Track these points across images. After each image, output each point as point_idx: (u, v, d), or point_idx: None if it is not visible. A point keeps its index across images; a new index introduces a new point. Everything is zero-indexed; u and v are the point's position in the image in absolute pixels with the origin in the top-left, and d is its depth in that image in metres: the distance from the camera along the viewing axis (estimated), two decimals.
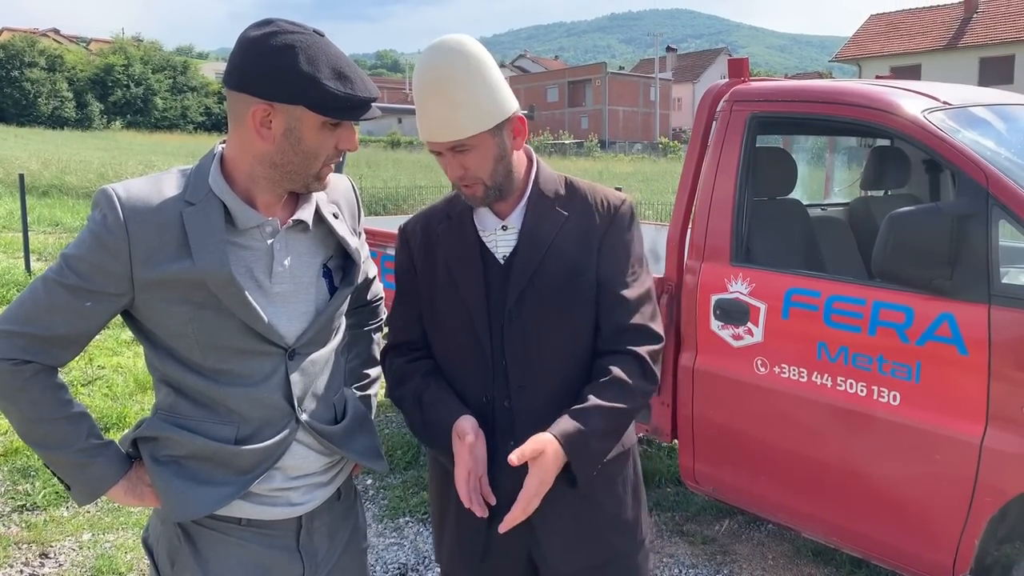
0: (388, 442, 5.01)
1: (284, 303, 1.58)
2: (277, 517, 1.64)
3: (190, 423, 1.57)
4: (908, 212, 2.59)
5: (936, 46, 36.11)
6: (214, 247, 1.49)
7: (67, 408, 1.55)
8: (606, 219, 1.79)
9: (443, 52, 1.63)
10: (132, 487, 1.61)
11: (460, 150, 1.67)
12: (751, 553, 3.80)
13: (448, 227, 1.83)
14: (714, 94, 3.45)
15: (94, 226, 1.49)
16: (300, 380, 1.61)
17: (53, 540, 3.79)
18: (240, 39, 1.50)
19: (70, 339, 1.54)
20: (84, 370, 6.24)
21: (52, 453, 1.56)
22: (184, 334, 1.53)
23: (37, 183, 18.93)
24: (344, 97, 1.47)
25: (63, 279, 1.49)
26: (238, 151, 1.54)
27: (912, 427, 2.68)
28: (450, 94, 1.62)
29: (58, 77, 64.21)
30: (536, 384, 1.75)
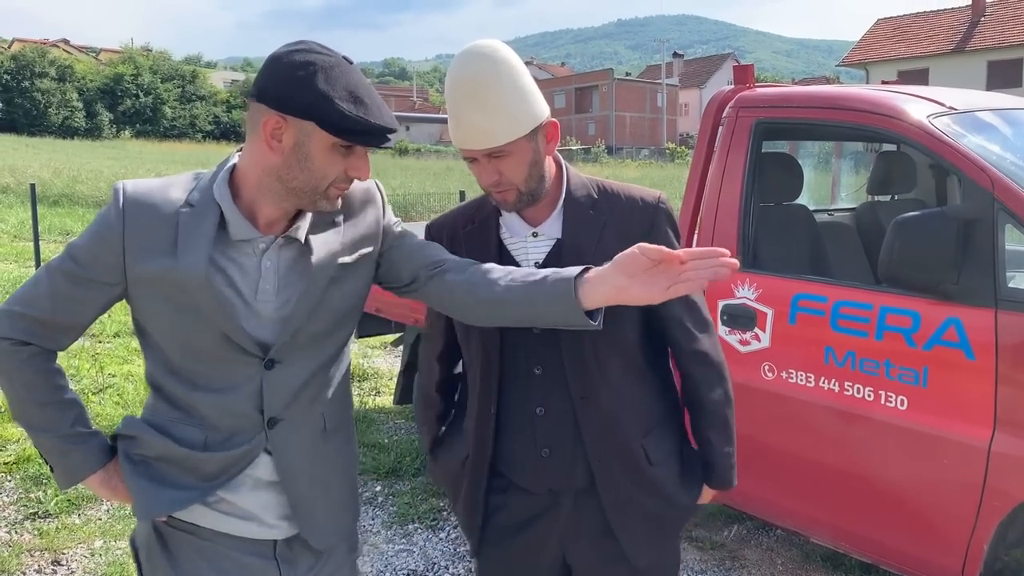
0: (396, 449, 5.03)
1: (267, 316, 1.56)
2: (249, 536, 1.62)
3: (164, 425, 1.60)
4: (914, 217, 2.60)
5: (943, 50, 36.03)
6: (197, 249, 1.51)
7: (59, 394, 1.61)
8: (647, 218, 1.77)
9: (478, 59, 1.62)
10: (107, 479, 1.66)
11: (497, 156, 1.66)
12: (760, 559, 3.80)
13: (471, 231, 1.82)
14: (720, 100, 3.46)
15: (100, 217, 1.55)
16: (273, 391, 1.58)
17: (65, 547, 3.82)
18: (271, 55, 1.52)
19: (67, 325, 1.59)
20: (95, 378, 6.28)
21: (37, 435, 1.62)
22: (165, 332, 1.56)
23: (48, 192, 19.06)
24: (355, 119, 1.45)
25: (63, 266, 1.56)
26: (249, 161, 1.55)
27: (920, 431, 2.68)
28: (487, 101, 1.61)
29: (68, 87, 64.58)
30: (598, 392, 1.76)
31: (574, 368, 1.74)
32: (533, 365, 1.77)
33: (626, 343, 1.78)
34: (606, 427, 1.76)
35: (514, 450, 1.81)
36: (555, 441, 1.78)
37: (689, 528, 4.05)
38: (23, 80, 62.48)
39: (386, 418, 5.78)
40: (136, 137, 64.71)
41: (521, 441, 1.80)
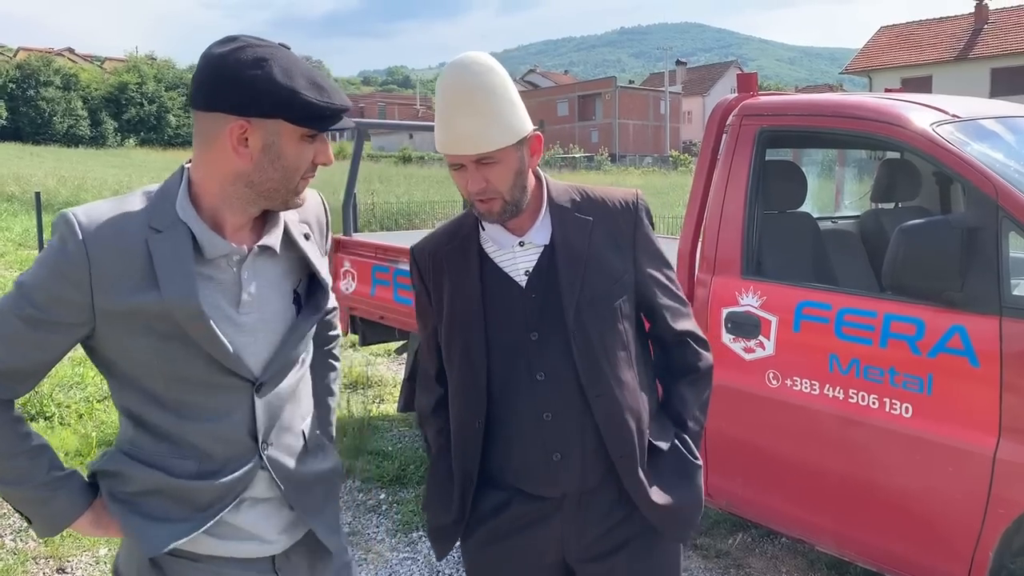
0: (400, 457, 5.03)
1: (252, 333, 1.52)
2: (250, 555, 1.58)
3: (151, 458, 1.51)
4: (918, 225, 2.60)
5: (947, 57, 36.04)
6: (183, 279, 1.42)
7: (26, 442, 1.48)
8: (630, 219, 1.85)
9: (473, 66, 1.65)
10: (97, 519, 1.55)
11: (485, 162, 1.68)
12: (765, 567, 3.79)
13: (452, 248, 1.84)
14: (723, 108, 3.47)
15: (53, 253, 1.41)
16: (266, 414, 1.55)
17: (70, 555, 3.82)
18: (206, 57, 1.43)
19: (27, 371, 1.46)
20: (100, 386, 6.29)
21: (12, 489, 1.49)
22: (148, 364, 1.46)
23: (53, 201, 19.10)
24: (323, 106, 1.43)
25: (19, 310, 1.41)
26: (207, 172, 1.48)
27: (924, 439, 2.68)
28: (481, 107, 1.64)
29: (73, 96, 64.82)
30: (611, 389, 1.79)
31: (589, 370, 1.77)
32: (535, 372, 1.78)
33: (626, 334, 1.83)
34: (621, 421, 1.79)
35: (524, 458, 1.82)
36: (565, 445, 1.80)
37: (693, 536, 4.04)
38: (28, 89, 62.73)
39: (390, 426, 5.78)
40: (140, 145, 64.91)
41: (531, 448, 1.81)
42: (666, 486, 1.84)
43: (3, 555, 3.81)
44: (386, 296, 4.92)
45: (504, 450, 1.83)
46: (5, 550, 3.86)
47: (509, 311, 1.78)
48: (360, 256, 5.15)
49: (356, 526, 4.20)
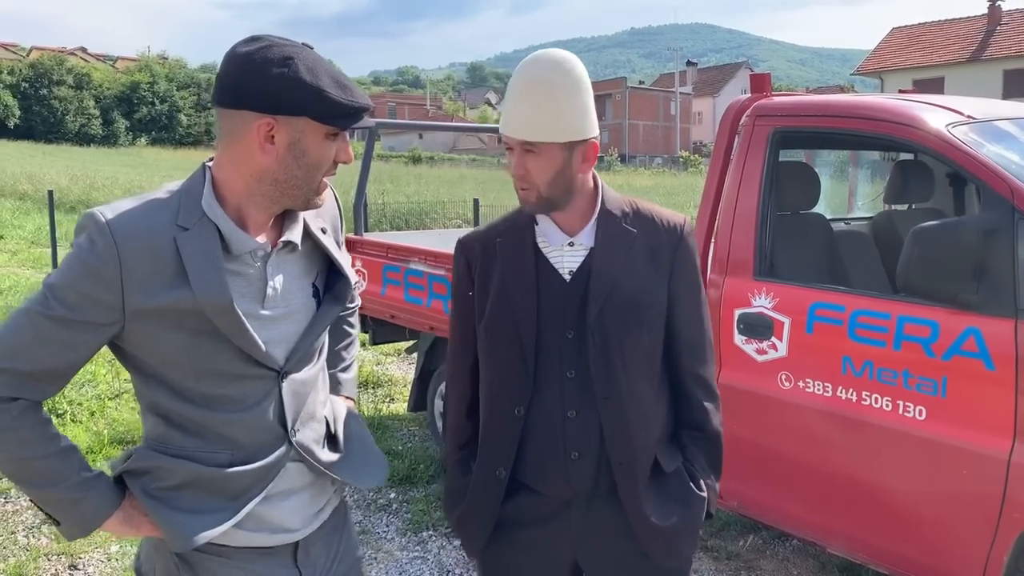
0: (410, 456, 5.03)
1: (275, 326, 1.55)
2: (274, 544, 1.61)
3: (183, 451, 1.53)
4: (933, 226, 2.59)
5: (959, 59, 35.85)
6: (213, 275, 1.45)
7: (56, 443, 1.47)
8: (673, 240, 1.85)
9: (546, 60, 1.72)
10: (128, 518, 1.55)
11: (528, 150, 1.73)
12: (776, 569, 3.78)
13: (506, 240, 1.87)
14: (736, 109, 3.46)
15: (82, 253, 1.42)
16: (292, 401, 1.59)
17: (82, 552, 3.84)
18: (232, 56, 1.45)
19: (57, 372, 1.46)
20: (111, 383, 6.32)
21: (43, 491, 1.48)
22: (177, 360, 1.48)
23: (65, 199, 19.21)
24: (347, 104, 1.46)
25: (49, 311, 1.41)
26: (232, 171, 1.50)
27: (938, 442, 2.67)
28: (539, 97, 1.69)
29: (85, 95, 65.17)
30: (621, 394, 1.80)
31: (600, 369, 1.79)
32: (567, 369, 1.81)
33: (651, 350, 1.84)
34: (626, 431, 1.80)
35: (540, 455, 1.83)
36: (583, 444, 1.81)
37: (704, 538, 4.03)
38: (41, 88, 63.11)
39: (400, 425, 5.78)
40: (152, 144, 65.20)
41: (549, 445, 1.82)
42: (663, 507, 1.84)
43: (16, 551, 3.83)
44: (396, 296, 4.93)
45: (524, 445, 1.85)
46: (18, 546, 3.88)
47: (552, 307, 1.81)
48: (371, 256, 5.16)
49: (366, 525, 4.21)
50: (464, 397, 1.97)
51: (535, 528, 1.87)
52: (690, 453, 1.90)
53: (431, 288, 4.71)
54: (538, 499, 1.86)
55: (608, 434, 1.80)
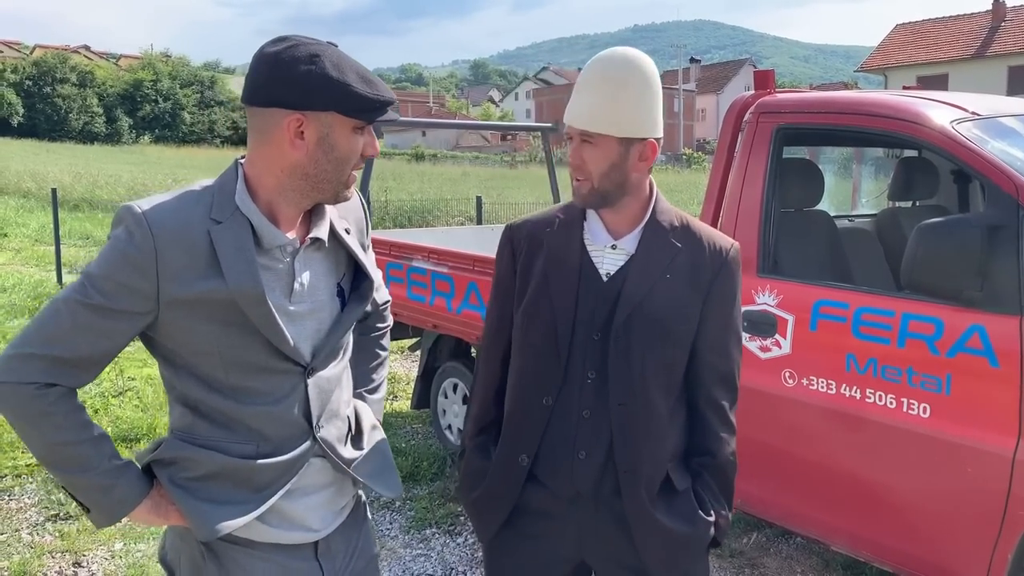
0: (414, 454, 5.04)
1: (301, 322, 1.59)
2: (296, 542, 1.65)
3: (209, 442, 1.57)
4: (937, 223, 2.58)
5: (964, 55, 35.76)
6: (245, 267, 1.49)
7: (89, 430, 1.51)
8: (718, 262, 1.83)
9: (617, 57, 1.76)
10: (156, 506, 1.59)
11: (585, 140, 1.76)
12: (779, 567, 3.77)
13: (554, 231, 1.87)
14: (740, 106, 3.45)
15: (120, 244, 1.46)
16: (317, 397, 1.62)
17: (86, 549, 3.84)
18: (260, 56, 1.51)
19: (93, 360, 1.50)
20: (115, 381, 6.33)
21: (75, 477, 1.52)
22: (208, 352, 1.52)
23: (68, 197, 19.24)
24: (373, 99, 1.51)
25: (87, 299, 1.46)
26: (263, 167, 1.55)
27: (942, 440, 2.66)
28: (604, 91, 1.72)
29: (88, 93, 65.26)
30: (636, 402, 1.80)
31: (618, 374, 1.79)
32: (588, 370, 1.81)
33: (673, 365, 1.83)
34: (635, 440, 1.80)
35: (552, 450, 1.84)
36: (593, 445, 1.81)
37: None
38: (44, 86, 63.21)
39: (403, 423, 5.79)
40: (155, 142, 65.27)
41: (562, 442, 1.83)
42: (667, 522, 1.82)
43: (20, 549, 3.84)
44: (400, 293, 4.92)
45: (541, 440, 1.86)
46: (22, 544, 3.89)
47: (587, 306, 1.81)
48: (374, 253, 5.16)
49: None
50: (492, 382, 1.98)
51: (542, 520, 1.88)
52: (701, 481, 1.89)
53: (434, 286, 4.71)
54: (546, 492, 1.86)
55: (617, 440, 1.80)
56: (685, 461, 1.90)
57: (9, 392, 1.46)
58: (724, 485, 1.91)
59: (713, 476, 1.89)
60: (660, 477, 1.83)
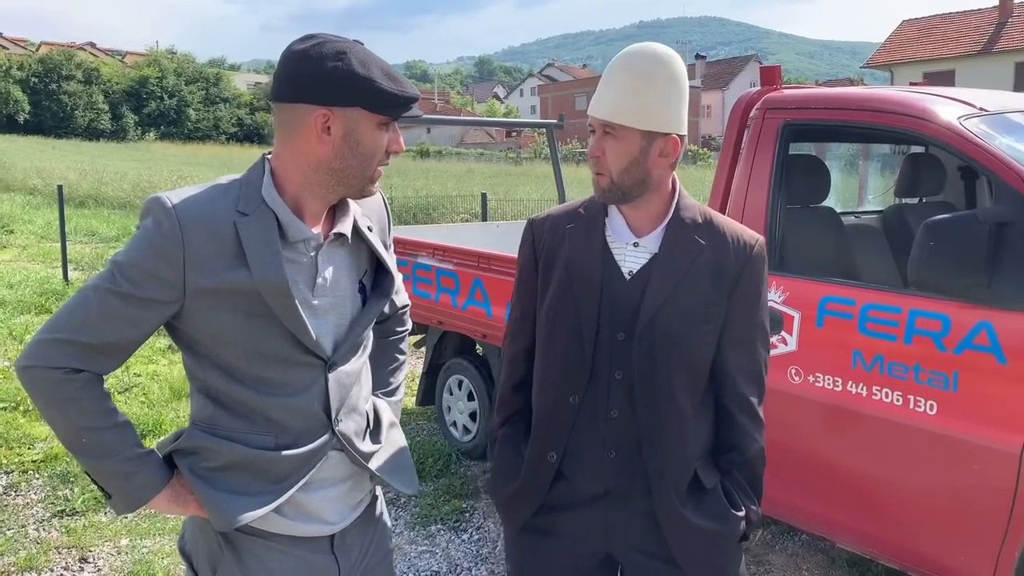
0: (419, 450, 5.04)
1: (324, 316, 1.61)
2: (312, 534, 1.67)
3: (229, 433, 1.59)
4: (945, 220, 2.57)
5: (970, 51, 35.60)
6: (271, 258, 1.52)
7: (113, 417, 1.54)
8: (742, 258, 1.81)
9: (644, 51, 1.75)
10: (176, 495, 1.61)
11: (607, 132, 1.75)
12: (785, 564, 3.77)
13: (576, 227, 1.86)
14: (746, 102, 3.44)
15: (148, 233, 1.49)
16: (337, 391, 1.64)
17: (92, 545, 3.85)
18: (288, 53, 1.54)
19: (120, 347, 1.53)
20: (121, 377, 6.34)
21: (98, 462, 1.54)
22: (232, 342, 1.55)
23: (74, 194, 19.27)
24: (398, 95, 1.54)
25: (115, 286, 1.49)
26: (289, 161, 1.57)
27: (949, 437, 2.65)
28: (628, 83, 1.72)
29: (94, 90, 65.39)
30: (661, 403, 1.79)
31: (643, 375, 1.78)
32: (615, 370, 1.80)
33: (698, 365, 1.81)
34: (661, 439, 1.79)
35: (580, 448, 1.84)
36: (623, 444, 1.81)
37: None
38: (50, 83, 63.34)
39: (408, 419, 5.79)
40: (160, 139, 65.37)
41: (590, 441, 1.83)
42: (697, 520, 1.81)
43: (27, 544, 3.85)
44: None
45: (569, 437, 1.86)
46: (28, 539, 3.90)
47: (611, 305, 1.80)
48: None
49: None
50: (516, 374, 1.98)
51: (569, 515, 1.88)
52: (731, 478, 1.88)
53: (439, 282, 4.71)
54: (574, 488, 1.86)
55: (645, 440, 1.80)
56: (713, 458, 1.89)
57: (38, 376, 1.49)
58: (753, 480, 1.90)
59: (742, 472, 1.88)
60: (688, 476, 1.83)
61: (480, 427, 4.93)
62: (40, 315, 8.46)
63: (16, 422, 5.31)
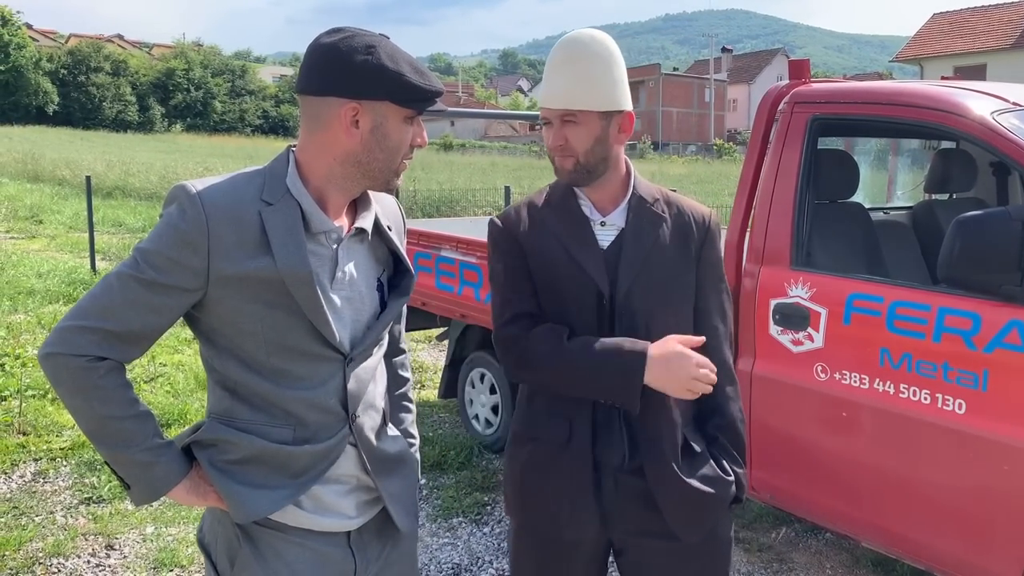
0: (441, 443, 5.05)
1: (341, 310, 1.62)
2: (329, 529, 1.67)
3: (248, 426, 1.59)
4: (976, 216, 2.53)
5: (1003, 45, 35.04)
6: (295, 248, 1.52)
7: (135, 407, 1.54)
8: (702, 230, 1.93)
9: (582, 37, 1.82)
10: (195, 487, 1.61)
11: (568, 120, 1.80)
12: (808, 562, 3.74)
13: (553, 210, 1.91)
14: (774, 96, 3.41)
15: (173, 220, 1.49)
16: (355, 386, 1.65)
17: (118, 532, 3.90)
18: (316, 47, 1.55)
19: (143, 335, 1.53)
20: (146, 367, 6.41)
21: (118, 452, 1.54)
22: (253, 332, 1.54)
23: (101, 185, 19.49)
24: (425, 88, 1.55)
25: (139, 273, 1.49)
26: (315, 153, 1.58)
27: (978, 436, 2.62)
28: (576, 68, 1.78)
29: (122, 81, 66.05)
30: None
31: None
32: None
33: (676, 331, 1.86)
34: (656, 409, 1.84)
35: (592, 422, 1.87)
36: (608, 420, 1.86)
37: (736, 529, 4.00)
38: (79, 75, 64.07)
39: (431, 411, 5.80)
40: (187, 131, 65.92)
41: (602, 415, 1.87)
42: (689, 483, 1.85)
43: (55, 531, 3.90)
44: (428, 283, 4.93)
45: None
46: (56, 526, 3.95)
47: (595, 273, 1.85)
48: None
49: None
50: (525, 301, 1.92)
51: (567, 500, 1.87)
52: (717, 444, 1.94)
53: (462, 275, 4.71)
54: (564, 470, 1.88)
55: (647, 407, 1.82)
56: (697, 423, 1.95)
57: (61, 364, 1.49)
58: (737, 442, 1.96)
59: (727, 435, 1.95)
60: (680, 442, 1.88)
61: (502, 420, 4.93)
62: (68, 304, 8.57)
63: (44, 410, 5.38)
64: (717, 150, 54.94)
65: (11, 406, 5.40)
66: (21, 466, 4.63)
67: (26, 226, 14.80)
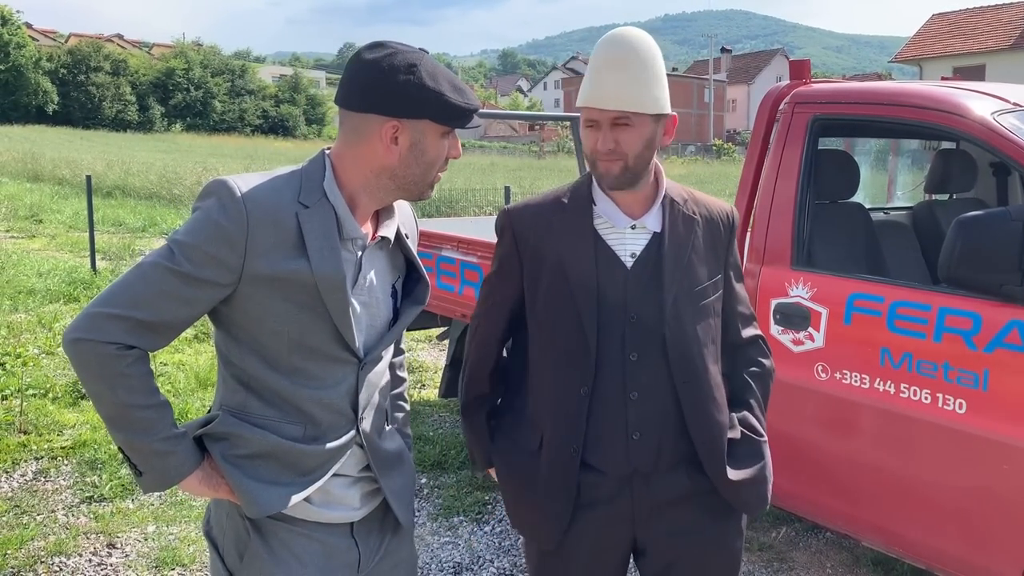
0: (441, 442, 5.06)
1: (359, 315, 1.65)
2: (337, 520, 1.72)
3: (260, 421, 1.62)
4: (977, 216, 2.54)
5: (1002, 46, 35.05)
6: (330, 252, 1.55)
7: (157, 396, 1.56)
8: (728, 229, 1.95)
9: (634, 34, 1.77)
10: (207, 478, 1.63)
11: (620, 123, 1.75)
12: (809, 561, 3.75)
13: (562, 219, 1.87)
14: (775, 96, 3.41)
15: (213, 215, 1.50)
16: (366, 389, 1.69)
17: (120, 531, 3.91)
18: (359, 63, 1.57)
19: (171, 326, 1.54)
20: None
21: (137, 439, 1.55)
22: (277, 331, 1.57)
23: (101, 184, 19.48)
24: (464, 107, 1.59)
25: (175, 265, 1.50)
26: (352, 163, 1.61)
27: (978, 436, 2.62)
28: (635, 68, 1.73)
29: (122, 81, 66.00)
30: (699, 377, 1.86)
31: (680, 357, 1.83)
32: (629, 352, 1.83)
33: (715, 330, 1.91)
34: (706, 410, 1.86)
35: (602, 434, 1.85)
36: (646, 425, 1.84)
37: None
38: (79, 74, 64.01)
39: (431, 411, 5.81)
40: (186, 131, 65.87)
41: (611, 425, 1.85)
42: (740, 467, 1.90)
43: (56, 529, 3.91)
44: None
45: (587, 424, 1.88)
46: (58, 524, 3.96)
47: (613, 290, 1.82)
48: None
49: None
50: (488, 359, 2.00)
51: (598, 508, 1.88)
52: (751, 392, 1.98)
53: (463, 275, 4.71)
54: (599, 478, 1.87)
55: (690, 416, 1.85)
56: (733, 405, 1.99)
57: (90, 350, 1.49)
58: (765, 393, 2.02)
59: (759, 384, 2.00)
60: (726, 436, 1.90)
61: None
62: (68, 304, 8.57)
63: (46, 409, 5.39)
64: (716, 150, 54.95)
65: (12, 405, 5.41)
66: (22, 465, 4.64)
67: (26, 225, 14.80)
